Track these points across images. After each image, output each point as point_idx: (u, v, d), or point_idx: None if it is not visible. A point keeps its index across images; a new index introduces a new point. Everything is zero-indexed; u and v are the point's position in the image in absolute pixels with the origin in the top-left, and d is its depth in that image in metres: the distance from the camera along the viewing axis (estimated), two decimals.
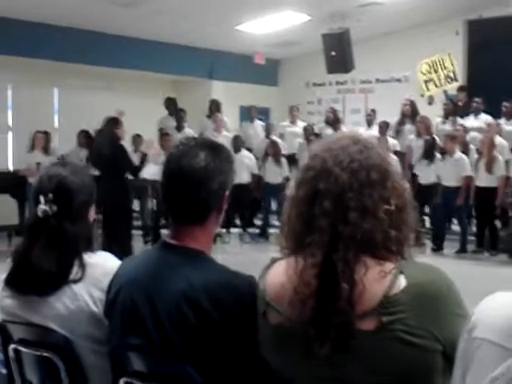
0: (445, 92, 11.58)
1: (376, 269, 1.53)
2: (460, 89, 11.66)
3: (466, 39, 13.02)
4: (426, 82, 11.36)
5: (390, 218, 1.57)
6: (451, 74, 11.30)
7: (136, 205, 10.91)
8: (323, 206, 1.55)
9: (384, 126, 11.27)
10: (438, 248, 9.85)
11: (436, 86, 11.37)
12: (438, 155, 10.03)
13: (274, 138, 12.00)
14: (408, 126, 11.36)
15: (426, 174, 9.77)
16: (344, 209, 1.54)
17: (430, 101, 11.80)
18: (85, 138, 10.87)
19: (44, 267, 2.13)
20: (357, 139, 1.66)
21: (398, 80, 13.33)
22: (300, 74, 14.58)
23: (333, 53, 11.71)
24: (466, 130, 10.60)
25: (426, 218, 10.26)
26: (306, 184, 1.62)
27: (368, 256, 1.54)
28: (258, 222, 11.95)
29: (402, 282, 1.51)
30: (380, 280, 1.51)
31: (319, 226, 1.55)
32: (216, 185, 1.91)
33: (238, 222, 11.61)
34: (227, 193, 1.97)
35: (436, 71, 11.32)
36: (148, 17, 11.05)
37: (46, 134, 10.85)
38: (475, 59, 12.76)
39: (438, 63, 11.31)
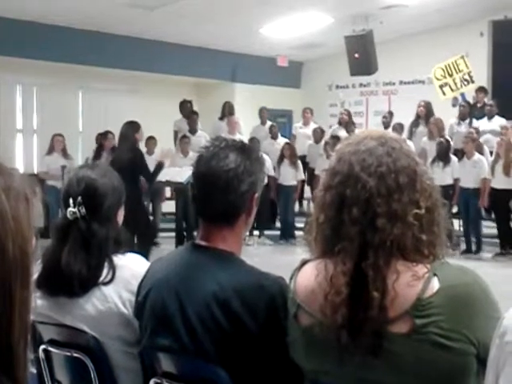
0: (461, 94, 11.51)
1: (408, 273, 1.51)
2: (479, 90, 11.57)
3: (490, 40, 12.90)
4: (441, 86, 11.31)
5: (420, 221, 1.55)
6: (467, 77, 11.23)
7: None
8: (351, 214, 1.54)
9: (399, 128, 11.23)
10: (467, 250, 9.79)
11: (452, 89, 11.32)
12: (453, 157, 9.98)
13: (281, 139, 12.00)
14: (421, 128, 11.29)
15: (442, 176, 9.69)
16: (372, 215, 1.53)
17: (454, 103, 11.72)
18: (103, 140, 10.92)
19: (74, 269, 2.15)
20: (384, 140, 1.63)
21: (422, 82, 13.22)
22: (323, 77, 14.53)
23: (356, 55, 11.66)
24: (479, 132, 10.54)
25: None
26: (333, 189, 1.60)
27: (399, 261, 1.53)
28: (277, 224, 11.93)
29: (435, 284, 1.49)
30: (413, 284, 1.50)
31: (348, 234, 1.54)
32: (245, 187, 1.91)
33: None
34: (257, 195, 1.96)
35: (451, 75, 11.26)
36: (171, 20, 11.10)
37: (63, 137, 10.91)
38: (500, 60, 12.65)
39: (452, 67, 11.25)
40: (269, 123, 12.68)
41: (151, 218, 10.73)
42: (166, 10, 10.59)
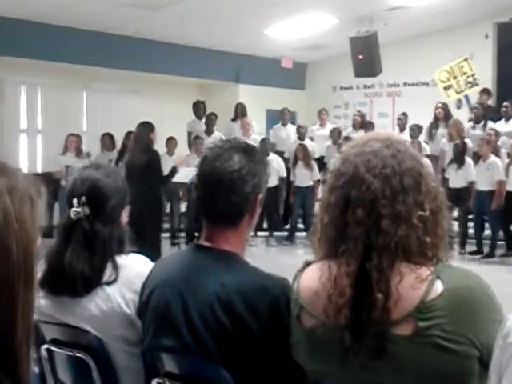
0: (466, 96, 11.50)
1: (412, 275, 1.51)
2: (483, 92, 11.54)
3: (495, 42, 12.88)
4: (445, 88, 11.29)
5: (424, 223, 1.54)
6: (471, 79, 11.21)
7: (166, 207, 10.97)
8: (356, 215, 1.54)
9: (416, 130, 11.10)
10: (476, 252, 9.73)
11: (456, 92, 11.30)
12: (469, 160, 9.94)
13: (306, 140, 11.96)
14: (441, 130, 11.19)
15: (456, 179, 9.68)
16: (377, 217, 1.52)
17: (459, 105, 11.70)
18: (109, 140, 10.95)
19: (77, 269, 2.16)
20: (389, 142, 1.63)
21: (426, 84, 13.20)
22: (327, 78, 14.52)
23: (360, 56, 11.64)
24: (498, 134, 10.47)
25: (454, 223, 10.13)
26: (337, 190, 1.60)
27: (403, 263, 1.52)
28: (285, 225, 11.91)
29: (438, 287, 1.49)
30: (416, 286, 1.49)
31: (352, 235, 1.54)
32: (249, 188, 1.91)
33: (265, 225, 11.57)
34: (260, 196, 1.96)
35: (455, 77, 11.24)
36: (175, 21, 11.10)
37: (78, 137, 10.98)
38: (504, 62, 12.63)
39: (456, 69, 11.23)
40: (291, 125, 12.62)
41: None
42: (170, 10, 10.59)
